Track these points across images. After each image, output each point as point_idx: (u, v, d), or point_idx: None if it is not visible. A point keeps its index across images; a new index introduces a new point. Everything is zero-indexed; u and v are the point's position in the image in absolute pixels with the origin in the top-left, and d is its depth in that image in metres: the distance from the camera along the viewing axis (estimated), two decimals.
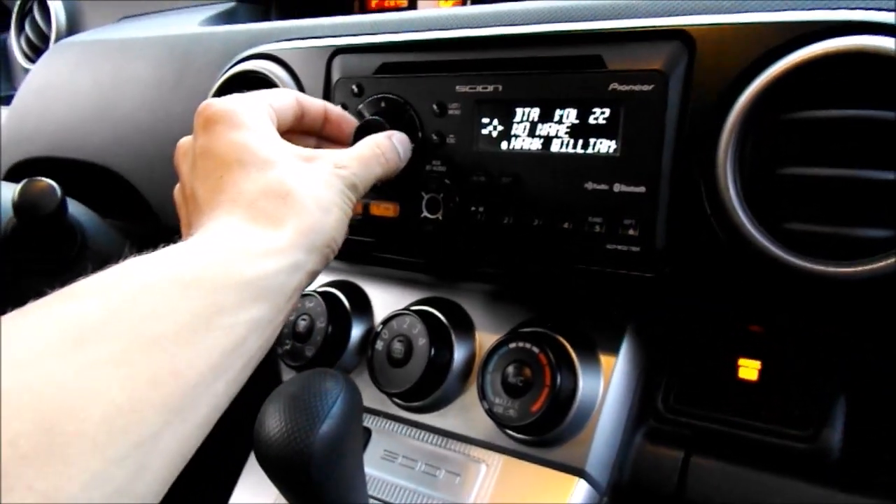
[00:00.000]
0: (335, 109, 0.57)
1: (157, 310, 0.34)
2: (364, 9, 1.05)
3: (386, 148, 0.53)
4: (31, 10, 1.28)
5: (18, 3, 1.31)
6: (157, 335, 0.33)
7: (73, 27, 1.23)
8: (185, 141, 0.49)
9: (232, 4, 1.02)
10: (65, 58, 1.03)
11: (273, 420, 0.49)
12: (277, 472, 0.50)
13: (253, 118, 0.46)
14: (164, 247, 0.39)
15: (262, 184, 0.43)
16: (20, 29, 1.31)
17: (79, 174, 0.94)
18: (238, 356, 0.37)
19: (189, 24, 0.96)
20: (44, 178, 0.72)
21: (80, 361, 0.30)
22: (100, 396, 0.30)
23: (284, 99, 0.52)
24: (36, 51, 1.27)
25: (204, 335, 0.35)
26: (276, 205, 0.42)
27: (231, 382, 0.37)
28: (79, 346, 0.30)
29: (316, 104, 0.55)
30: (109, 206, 0.93)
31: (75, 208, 0.82)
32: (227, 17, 1.00)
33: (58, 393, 0.29)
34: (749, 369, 0.61)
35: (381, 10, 1.03)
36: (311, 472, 0.48)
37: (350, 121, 0.58)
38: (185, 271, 0.36)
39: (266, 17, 1.06)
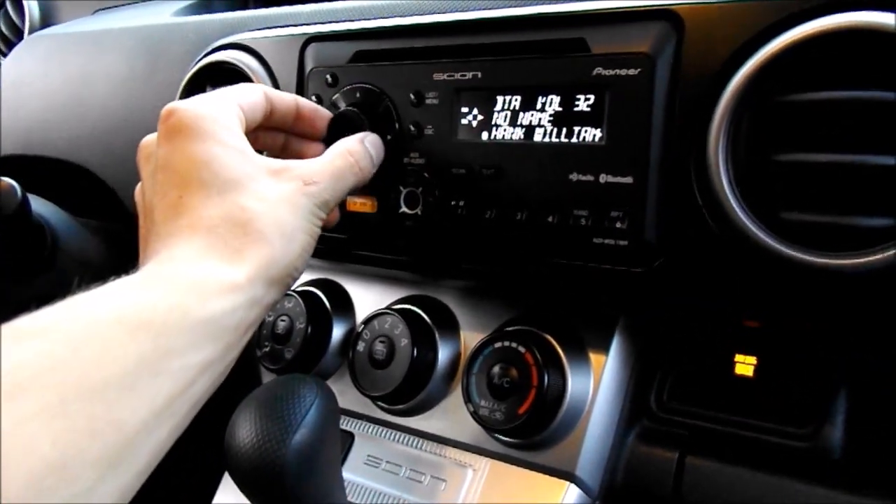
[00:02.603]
0: (307, 104, 0.54)
1: (101, 355, 0.31)
2: None
3: (359, 155, 0.50)
4: (3, 3, 1.25)
5: None
6: (100, 382, 0.31)
7: (47, 20, 1.20)
8: (149, 142, 0.46)
9: None
10: (36, 52, 1.00)
11: (243, 429, 0.47)
12: (249, 483, 0.47)
13: (219, 127, 0.43)
14: (115, 279, 0.36)
15: (223, 209, 0.40)
16: None
17: (51, 172, 0.91)
18: (185, 400, 0.35)
19: (163, 14, 0.93)
20: (2, 178, 0.69)
21: (11, 416, 0.28)
22: (28, 454, 0.27)
23: (253, 96, 0.48)
24: (9, 45, 1.24)
25: (150, 381, 0.33)
26: (236, 234, 0.40)
27: (175, 428, 0.35)
28: (12, 399, 0.28)
29: (286, 99, 0.52)
30: (84, 205, 0.91)
31: (42, 207, 0.79)
32: (203, 7, 0.97)
33: None
34: (745, 365, 0.59)
35: None
36: (284, 483, 0.46)
37: (323, 116, 0.55)
38: (135, 311, 0.34)
39: (244, 7, 1.03)
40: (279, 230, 0.41)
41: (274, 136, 0.54)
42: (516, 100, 0.52)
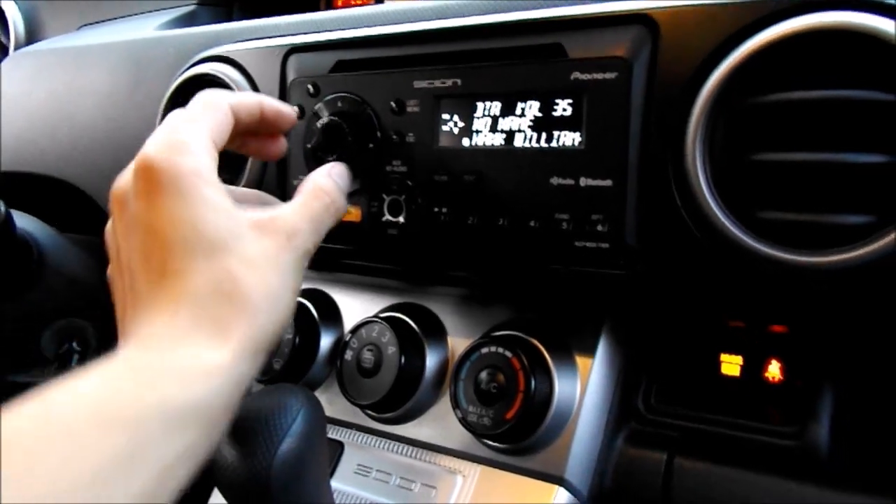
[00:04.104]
0: (271, 108, 0.50)
1: (73, 455, 0.30)
2: (330, 6, 1.02)
3: (332, 191, 0.48)
4: None
5: None
6: (70, 484, 0.29)
7: (32, 37, 1.19)
8: (123, 188, 0.41)
9: (192, 7, 0.99)
10: (21, 68, 1.00)
11: (229, 443, 0.47)
12: (235, 496, 0.47)
13: (201, 183, 0.40)
14: (94, 362, 0.35)
15: (209, 278, 0.38)
16: None
17: (36, 188, 0.91)
18: (164, 489, 0.33)
19: (146, 28, 0.93)
20: None
21: None
22: None
23: (222, 122, 0.45)
24: None
25: (125, 476, 0.31)
26: (222, 304, 0.38)
27: None
28: None
29: (250, 105, 0.48)
30: (70, 220, 0.90)
31: (28, 223, 0.79)
32: (187, 21, 0.97)
33: None
34: (731, 365, 0.59)
35: (348, 6, 1.00)
36: (271, 495, 0.46)
37: (287, 118, 0.51)
38: (112, 405, 0.32)
39: (228, 19, 1.03)
40: (266, 295, 0.40)
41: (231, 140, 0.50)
42: (496, 106, 0.52)
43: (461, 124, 0.54)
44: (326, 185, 0.48)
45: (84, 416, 0.31)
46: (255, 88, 0.66)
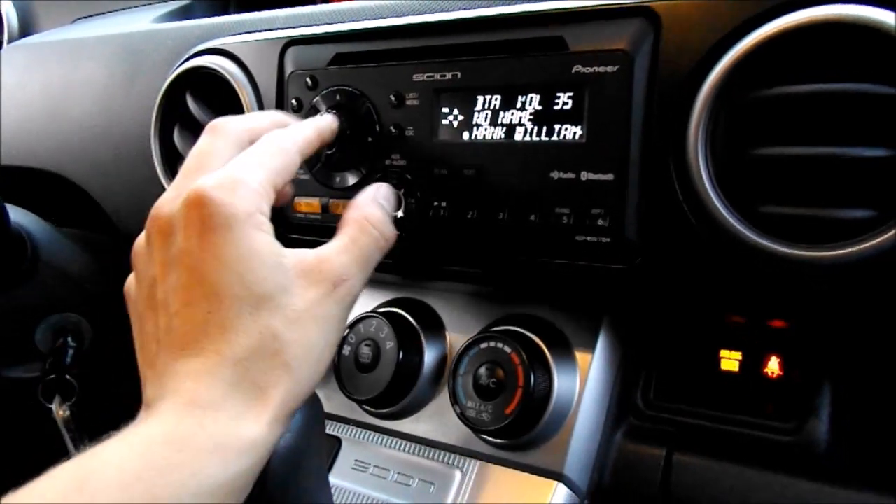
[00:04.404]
0: (325, 132, 0.50)
1: None
2: None
3: (379, 222, 0.45)
4: None
5: None
6: None
7: (26, 30, 1.19)
8: (168, 216, 0.39)
9: (188, 0, 0.98)
10: (14, 61, 0.99)
11: None
12: None
13: (254, 230, 0.38)
14: (127, 425, 0.34)
15: (255, 335, 0.37)
16: None
17: (31, 182, 0.90)
18: None
19: (142, 21, 0.92)
20: None
21: None
22: None
23: (288, 166, 0.43)
24: None
25: None
26: (264, 369, 0.37)
27: None
28: None
29: (312, 142, 0.47)
30: (65, 215, 0.90)
31: (22, 217, 0.78)
32: (183, 14, 0.96)
33: None
34: (730, 361, 0.59)
35: None
36: (269, 490, 0.45)
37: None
38: (146, 482, 0.31)
39: (225, 12, 1.02)
40: (306, 355, 0.38)
41: None
42: (496, 99, 0.52)
43: (461, 118, 0.53)
44: (374, 216, 0.45)
45: (116, 491, 0.31)
46: (252, 82, 0.65)
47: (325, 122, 0.50)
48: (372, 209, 0.46)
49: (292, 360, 0.38)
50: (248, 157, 0.41)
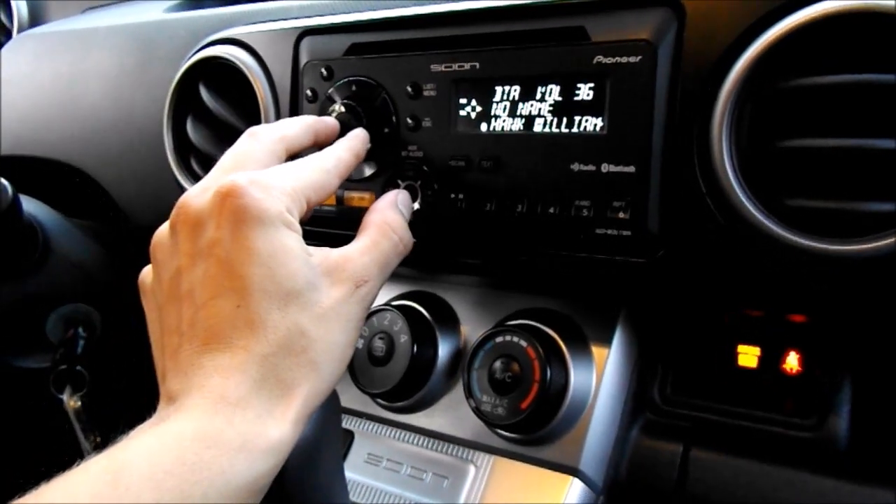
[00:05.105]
0: (363, 148, 0.50)
1: None
2: None
3: (399, 227, 0.45)
4: None
5: None
6: None
7: (35, 19, 1.18)
8: (198, 208, 0.39)
9: None
10: (25, 51, 0.98)
11: None
12: None
13: (283, 221, 0.38)
14: (152, 415, 0.34)
15: (283, 332, 0.37)
16: None
17: (42, 172, 0.90)
18: None
19: (154, 11, 0.91)
20: None
21: None
22: None
23: (326, 186, 0.43)
24: None
25: None
26: (291, 366, 0.37)
27: None
28: None
29: (351, 165, 0.47)
30: (76, 205, 0.89)
31: (34, 207, 0.78)
32: (196, 3, 0.95)
33: None
34: (749, 356, 0.58)
35: None
36: (284, 482, 0.45)
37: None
38: (175, 478, 0.31)
39: (236, 2, 1.02)
40: (330, 353, 0.38)
41: None
42: (515, 90, 0.51)
43: (479, 109, 0.53)
44: (395, 221, 0.46)
45: (148, 487, 0.31)
46: (266, 72, 0.65)
47: (360, 145, 0.50)
48: (393, 214, 0.46)
49: (318, 357, 0.38)
50: (288, 167, 0.42)
